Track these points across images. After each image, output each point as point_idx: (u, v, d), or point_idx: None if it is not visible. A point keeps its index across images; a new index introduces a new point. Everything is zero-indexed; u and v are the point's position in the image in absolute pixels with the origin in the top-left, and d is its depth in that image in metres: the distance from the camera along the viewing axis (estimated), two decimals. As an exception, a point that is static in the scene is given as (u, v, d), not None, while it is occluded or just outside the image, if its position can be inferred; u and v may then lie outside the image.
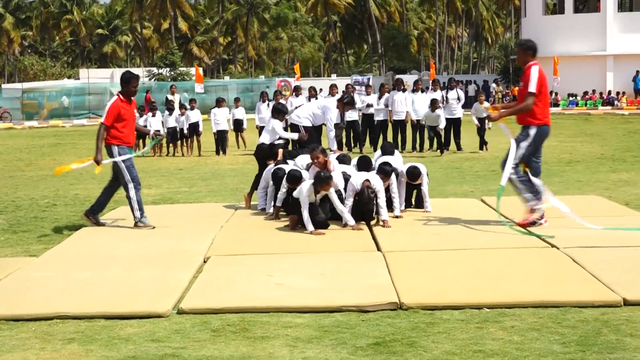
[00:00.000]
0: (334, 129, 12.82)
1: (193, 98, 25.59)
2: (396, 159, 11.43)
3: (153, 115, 23.06)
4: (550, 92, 46.92)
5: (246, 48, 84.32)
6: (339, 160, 11.21)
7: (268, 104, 22.96)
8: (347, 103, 13.16)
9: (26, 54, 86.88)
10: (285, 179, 10.64)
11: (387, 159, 11.01)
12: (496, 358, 5.41)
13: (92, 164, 10.74)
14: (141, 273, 7.84)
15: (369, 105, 22.67)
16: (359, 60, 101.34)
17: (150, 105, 24.18)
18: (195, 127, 23.16)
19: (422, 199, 11.12)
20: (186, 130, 23.05)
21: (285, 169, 10.90)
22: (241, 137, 24.49)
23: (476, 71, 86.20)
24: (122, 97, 10.60)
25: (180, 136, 23.14)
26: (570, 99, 49.36)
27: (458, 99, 22.21)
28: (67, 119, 47.85)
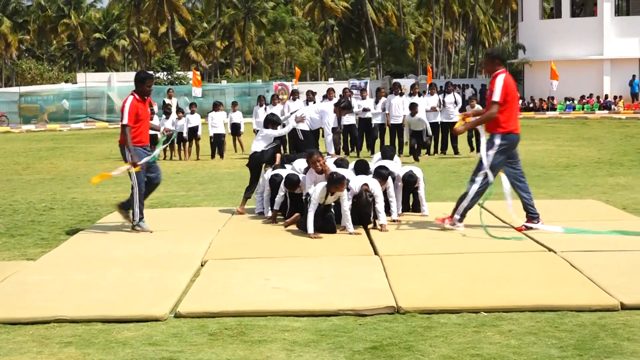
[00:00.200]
0: (332, 133, 12.82)
1: (193, 102, 25.58)
2: (394, 163, 11.44)
3: (150, 119, 23.01)
4: (549, 97, 46.55)
5: (243, 52, 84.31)
6: (337, 164, 11.20)
7: (265, 108, 22.99)
8: (345, 107, 13.17)
9: (24, 58, 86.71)
10: (283, 183, 10.64)
11: (386, 163, 11.02)
12: (493, 362, 5.42)
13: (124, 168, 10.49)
14: (138, 276, 7.84)
15: (366, 109, 22.70)
16: (356, 64, 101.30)
17: (150, 109, 24.10)
18: (194, 131, 23.17)
19: (419, 203, 11.13)
20: (185, 134, 23.03)
21: (282, 174, 10.91)
22: (239, 141, 24.54)
23: (473, 75, 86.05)
24: (138, 97, 10.55)
25: (178, 140, 23.14)
26: (567, 103, 49.43)
27: (455, 103, 22.24)
28: (65, 123, 47.84)
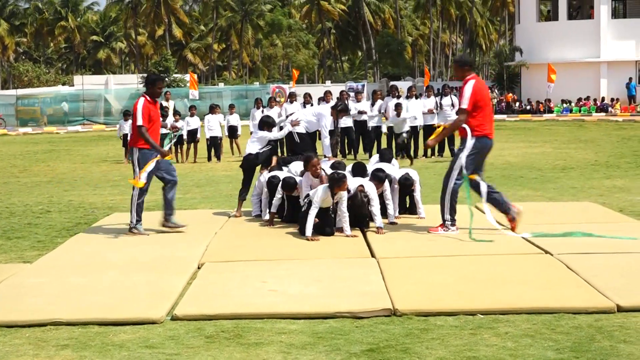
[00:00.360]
0: (329, 136, 12.81)
1: (193, 105, 25.62)
2: (392, 166, 11.44)
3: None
4: (546, 100, 46.55)
5: (240, 55, 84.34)
6: (334, 167, 11.20)
7: (263, 111, 22.98)
8: (341, 110, 13.14)
9: (21, 61, 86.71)
10: (280, 186, 10.64)
11: (383, 166, 11.02)
12: (490, 364, 5.43)
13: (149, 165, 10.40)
14: (135, 279, 7.83)
15: (361, 112, 22.65)
16: (354, 66, 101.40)
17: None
18: (194, 134, 23.16)
19: (416, 206, 11.14)
20: (185, 136, 23.01)
21: (280, 176, 10.90)
22: (236, 144, 24.53)
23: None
24: (149, 98, 10.55)
25: (176, 142, 23.09)
26: (564, 106, 49.48)
27: (452, 105, 22.21)
28: (62, 125, 47.84)
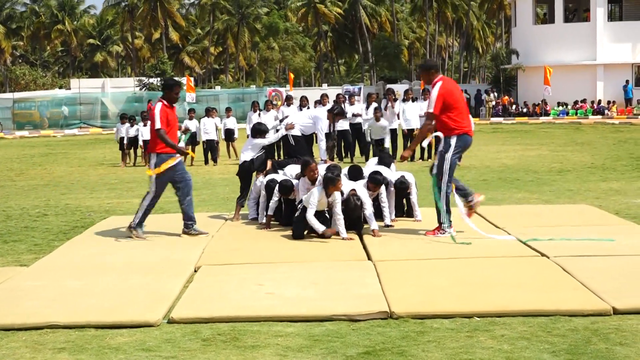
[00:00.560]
0: (325, 139, 12.83)
1: (192, 108, 25.56)
2: (389, 170, 11.43)
3: (144, 124, 23.01)
4: (542, 101, 46.43)
5: (237, 58, 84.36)
6: (329, 170, 11.21)
7: (259, 114, 22.99)
8: (338, 113, 13.17)
9: (17, 64, 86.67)
10: (277, 189, 10.65)
11: (380, 169, 11.02)
12: (486, 367, 5.44)
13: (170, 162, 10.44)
14: (132, 282, 7.84)
15: (355, 115, 22.59)
16: (350, 69, 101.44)
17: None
18: (192, 137, 23.15)
19: (412, 209, 11.14)
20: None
21: (277, 179, 10.91)
22: (232, 147, 24.53)
23: (467, 81, 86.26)
24: (166, 103, 10.55)
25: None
26: (560, 109, 49.54)
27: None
28: (59, 129, 47.83)
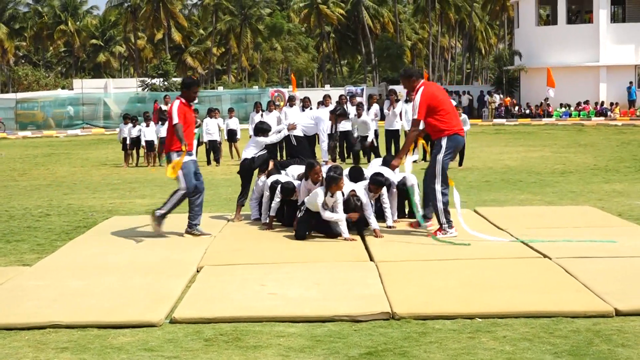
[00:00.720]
0: (327, 140, 12.82)
1: (195, 109, 25.56)
2: (391, 171, 11.39)
3: (147, 125, 23.04)
4: (544, 100, 46.32)
5: (240, 58, 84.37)
6: (331, 170, 11.20)
7: (262, 115, 22.99)
8: (340, 114, 13.15)
9: (20, 64, 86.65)
10: (279, 191, 10.65)
11: (383, 170, 11.00)
12: (488, 367, 5.44)
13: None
14: (134, 282, 7.85)
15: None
16: (353, 70, 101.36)
17: (160, 114, 24.12)
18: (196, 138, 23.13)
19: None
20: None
21: (281, 180, 10.91)
22: (235, 148, 24.53)
23: (470, 82, 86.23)
24: (184, 101, 10.56)
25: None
26: (563, 110, 49.52)
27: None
28: (62, 129, 47.86)
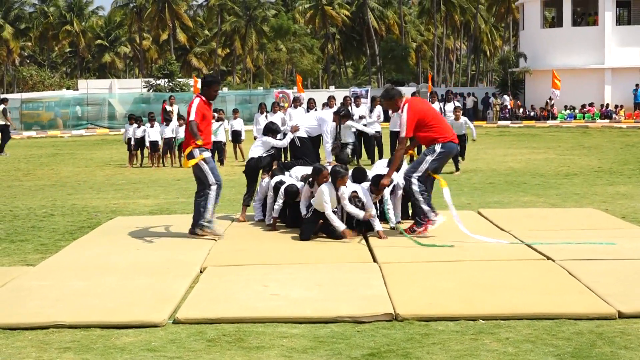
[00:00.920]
0: (330, 141, 12.82)
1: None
2: (396, 173, 11.38)
3: (151, 126, 23.06)
4: (546, 101, 46.23)
5: (244, 59, 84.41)
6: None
7: (267, 116, 23.00)
8: (344, 116, 13.17)
9: (25, 65, 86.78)
10: (282, 193, 10.66)
11: (385, 172, 10.99)
12: (490, 369, 5.44)
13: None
14: (137, 283, 7.86)
15: (361, 117, 22.52)
16: (358, 72, 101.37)
17: (165, 115, 24.17)
18: None
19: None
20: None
21: (285, 181, 10.92)
22: (239, 149, 24.56)
23: (475, 84, 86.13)
24: (204, 99, 10.57)
25: (179, 146, 23.08)
26: (568, 112, 49.48)
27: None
28: (66, 130, 47.93)
